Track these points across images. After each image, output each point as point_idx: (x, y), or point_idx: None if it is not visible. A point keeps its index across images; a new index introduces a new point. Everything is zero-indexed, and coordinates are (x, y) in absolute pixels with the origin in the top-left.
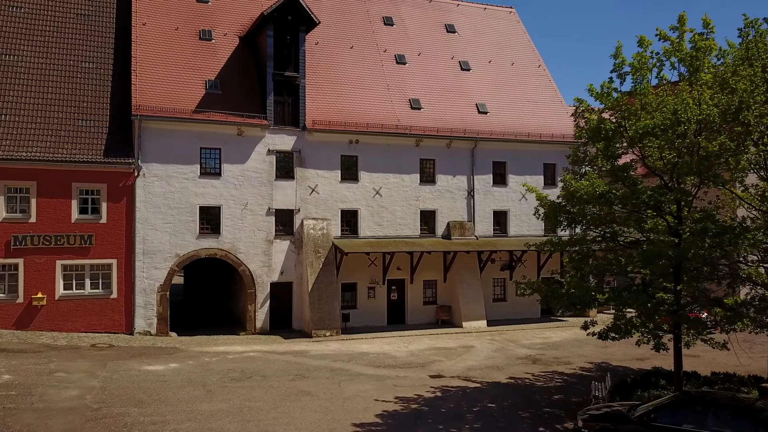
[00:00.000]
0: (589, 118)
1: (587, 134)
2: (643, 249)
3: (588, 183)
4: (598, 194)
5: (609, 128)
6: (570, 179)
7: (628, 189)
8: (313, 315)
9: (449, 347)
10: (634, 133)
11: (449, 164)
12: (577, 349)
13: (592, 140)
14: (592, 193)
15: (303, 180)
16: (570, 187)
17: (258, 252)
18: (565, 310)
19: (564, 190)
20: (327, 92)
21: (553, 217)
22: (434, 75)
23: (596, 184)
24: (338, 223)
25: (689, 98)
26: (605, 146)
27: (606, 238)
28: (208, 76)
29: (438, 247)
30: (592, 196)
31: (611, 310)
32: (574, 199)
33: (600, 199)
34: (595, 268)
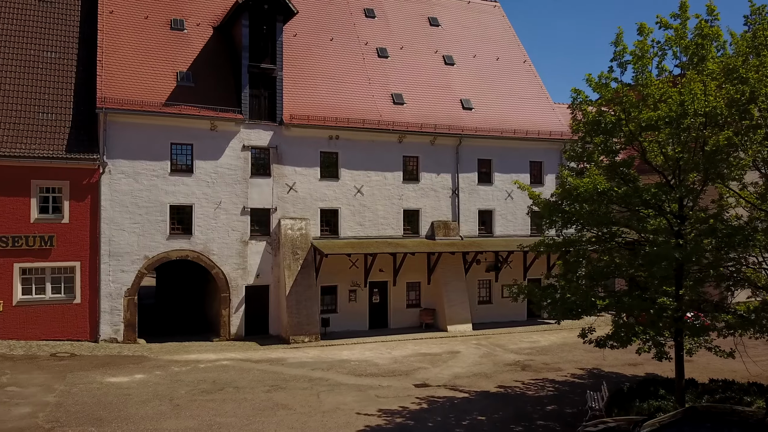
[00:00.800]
0: (587, 112)
1: (585, 128)
2: (646, 251)
3: (589, 180)
4: (599, 192)
5: (609, 121)
6: (568, 176)
7: (631, 187)
8: (291, 320)
9: (434, 353)
10: (636, 126)
11: (433, 162)
12: (566, 354)
13: (590, 134)
14: (593, 191)
15: (280, 177)
16: (567, 184)
17: (232, 253)
18: (560, 316)
19: (560, 187)
20: (306, 86)
21: (548, 217)
22: (417, 69)
23: (598, 181)
24: (317, 223)
25: (697, 88)
26: (604, 141)
27: (603, 239)
28: (180, 68)
29: (422, 248)
30: (592, 194)
31: (600, 314)
32: (571, 197)
33: (600, 198)
34: (592, 271)
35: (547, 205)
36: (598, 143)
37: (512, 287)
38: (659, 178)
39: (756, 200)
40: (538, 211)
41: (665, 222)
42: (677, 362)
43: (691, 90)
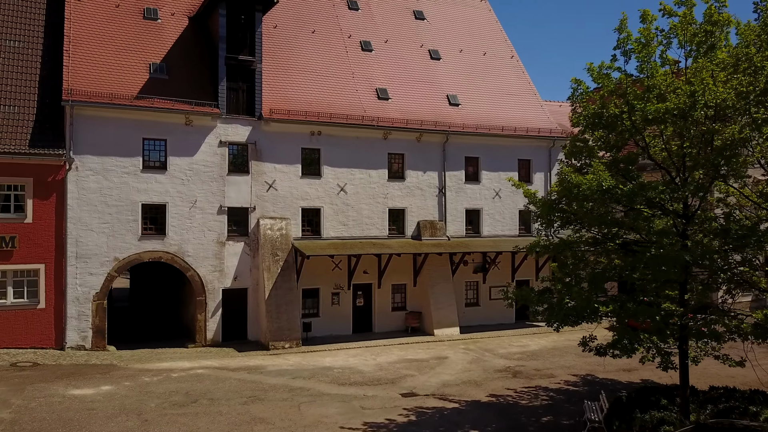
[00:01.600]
0: (587, 104)
1: (585, 121)
2: (651, 253)
3: (593, 176)
4: (603, 190)
5: (612, 114)
6: (569, 172)
7: (636, 184)
8: (271, 325)
9: (421, 359)
10: (639, 119)
11: (419, 159)
12: (558, 359)
13: (590, 128)
14: (597, 188)
15: (259, 175)
16: (567, 181)
17: (208, 255)
18: (560, 323)
19: (559, 184)
20: (286, 79)
21: (546, 217)
22: (402, 63)
23: (603, 178)
24: (299, 222)
25: (709, 78)
26: (606, 135)
27: (603, 240)
28: (153, 59)
29: (408, 249)
30: (595, 192)
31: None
32: (572, 195)
33: (605, 196)
34: (593, 274)
35: (545, 204)
36: (599, 137)
37: (506, 292)
38: (661, 175)
39: (758, 199)
40: (535, 210)
41: (671, 222)
42: (681, 371)
43: (702, 80)
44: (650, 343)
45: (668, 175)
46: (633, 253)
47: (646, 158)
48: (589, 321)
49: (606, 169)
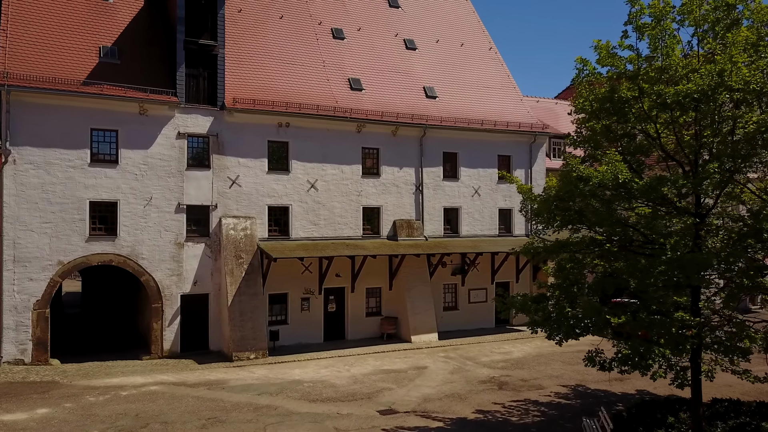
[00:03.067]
0: (594, 88)
1: (591, 106)
2: (670, 256)
3: (608, 168)
4: (618, 184)
5: (625, 98)
6: (576, 163)
7: (654, 178)
8: (234, 334)
9: (399, 369)
10: (655, 104)
11: (395, 154)
12: (545, 368)
13: (597, 115)
14: (612, 182)
15: (221, 170)
16: (573, 175)
17: (165, 257)
18: (565, 337)
19: (563, 178)
20: (251, 67)
21: (546, 215)
22: (376, 53)
23: (619, 170)
24: (265, 222)
25: (739, 57)
26: (611, 124)
27: (609, 241)
28: (104, 42)
29: (383, 250)
30: (608, 187)
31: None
32: (576, 190)
33: (618, 191)
34: (602, 281)
35: (546, 202)
36: (608, 125)
37: (503, 301)
38: (668, 169)
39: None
40: (530, 208)
41: (690, 221)
42: (694, 388)
43: (731, 57)
44: (662, 357)
45: (681, 168)
46: (645, 256)
47: (657, 149)
48: (598, 334)
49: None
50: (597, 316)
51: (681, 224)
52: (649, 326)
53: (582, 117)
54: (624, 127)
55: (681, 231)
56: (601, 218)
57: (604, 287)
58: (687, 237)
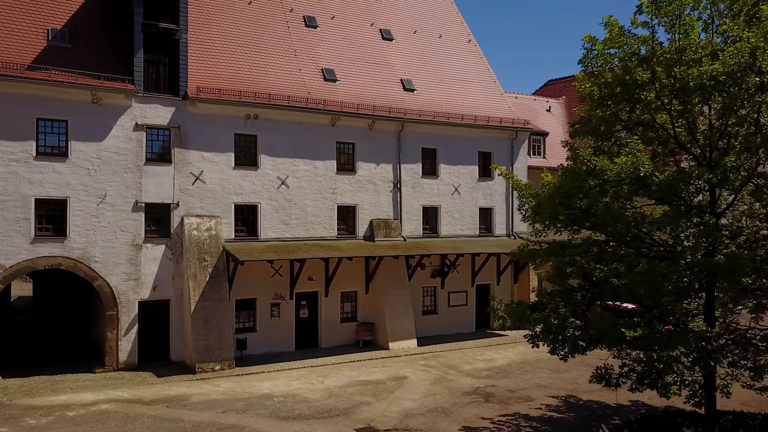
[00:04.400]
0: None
1: (599, 92)
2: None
3: (628, 159)
4: (638, 178)
5: (640, 80)
6: (588, 155)
7: (676, 171)
8: (198, 343)
9: (377, 380)
10: (669, 89)
11: (372, 149)
12: (531, 377)
13: (605, 101)
14: (632, 175)
15: (184, 165)
16: (581, 169)
17: (121, 260)
18: (571, 352)
19: (569, 174)
20: (217, 54)
21: (549, 214)
22: (351, 43)
23: (641, 161)
24: (231, 221)
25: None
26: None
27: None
28: (52, 24)
29: (360, 252)
30: (625, 181)
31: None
32: (586, 186)
33: (636, 186)
34: (614, 288)
35: (551, 199)
36: (617, 112)
37: (495, 309)
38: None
39: None
40: (529, 206)
41: (713, 221)
42: (709, 404)
43: (765, 33)
44: (676, 373)
45: (695, 161)
46: (659, 259)
47: (672, 141)
48: (609, 348)
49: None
50: (610, 329)
51: (698, 224)
52: (668, 340)
53: (590, 103)
54: (637, 115)
55: (704, 232)
56: (613, 217)
57: (602, 294)
58: (709, 238)
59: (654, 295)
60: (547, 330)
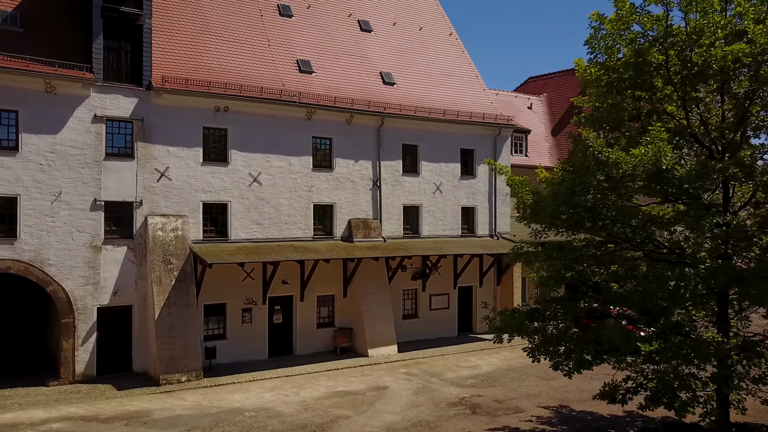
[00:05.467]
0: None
1: (607, 77)
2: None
3: (649, 149)
4: (661, 171)
5: (655, 63)
6: (600, 145)
7: (699, 164)
8: (162, 353)
9: (355, 391)
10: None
11: (350, 145)
12: (519, 385)
13: (615, 87)
14: (651, 168)
15: (148, 160)
16: (589, 163)
17: (78, 263)
18: (576, 368)
19: (568, 169)
20: (185, 42)
21: (552, 214)
22: (328, 33)
23: (663, 151)
24: (199, 221)
25: None
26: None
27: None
28: (2, 6)
29: (337, 253)
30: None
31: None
32: (594, 181)
33: (655, 181)
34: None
35: (554, 196)
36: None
37: (490, 320)
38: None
39: None
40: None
41: (737, 221)
42: (722, 421)
43: None
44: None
45: (708, 153)
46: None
47: (687, 132)
48: (619, 363)
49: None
50: (624, 343)
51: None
52: (688, 354)
53: (596, 90)
54: (650, 102)
55: (727, 233)
56: (626, 216)
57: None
58: (730, 240)
59: (670, 303)
60: (546, 341)
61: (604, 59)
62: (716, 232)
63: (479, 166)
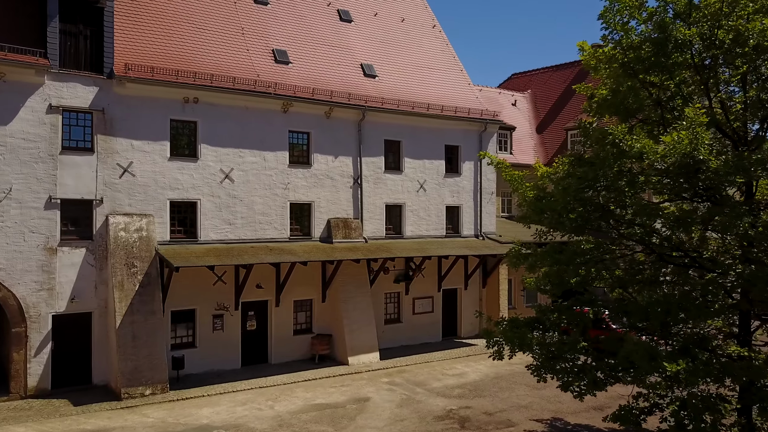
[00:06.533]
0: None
1: (623, 57)
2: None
3: (681, 136)
4: (697, 161)
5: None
6: (622, 132)
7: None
8: (124, 364)
9: (335, 403)
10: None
11: (329, 140)
12: (509, 395)
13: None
14: (683, 159)
15: (109, 155)
16: (609, 152)
17: (30, 267)
18: (588, 389)
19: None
20: (151, 28)
21: (559, 212)
22: (306, 23)
23: (702, 139)
24: (166, 221)
25: None
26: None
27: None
28: None
29: (315, 255)
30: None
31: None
32: (611, 173)
33: (685, 174)
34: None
35: (565, 192)
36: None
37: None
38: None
39: None
40: (530, 201)
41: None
42: None
43: None
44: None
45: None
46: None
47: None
48: (638, 384)
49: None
50: (647, 363)
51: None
52: (718, 373)
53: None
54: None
55: (762, 235)
56: (646, 215)
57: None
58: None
59: (696, 315)
60: (552, 357)
61: (620, 36)
62: (751, 233)
63: (464, 164)
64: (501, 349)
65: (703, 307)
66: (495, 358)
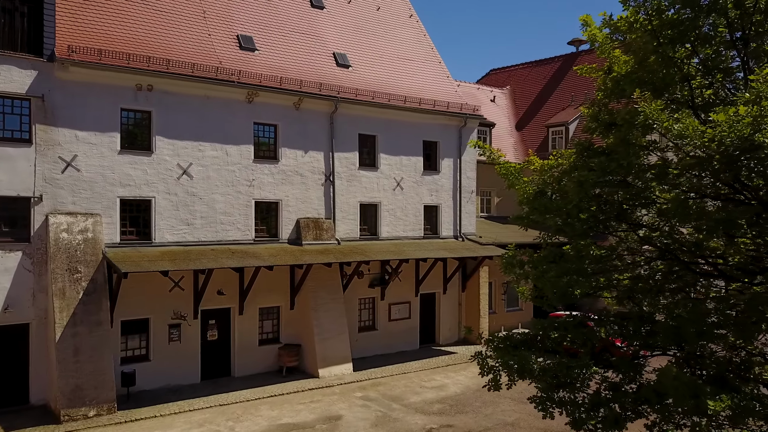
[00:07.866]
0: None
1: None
2: None
3: (741, 114)
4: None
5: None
6: (655, 110)
7: None
8: (64, 382)
9: (303, 423)
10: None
11: (299, 133)
12: (493, 410)
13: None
14: (743, 143)
15: (50, 147)
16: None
17: None
18: (609, 427)
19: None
20: (100, 7)
21: (569, 212)
22: (274, 8)
23: (765, 117)
24: (116, 221)
25: None
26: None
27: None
28: None
29: (283, 258)
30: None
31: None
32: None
33: (732, 164)
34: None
35: (581, 188)
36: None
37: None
38: None
39: None
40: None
41: None
42: None
43: None
44: None
45: None
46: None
47: None
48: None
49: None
50: (688, 401)
51: None
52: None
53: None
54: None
55: None
56: (684, 216)
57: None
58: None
59: (737, 336)
60: (559, 385)
61: None
62: None
63: (443, 161)
64: (498, 377)
65: (750, 325)
66: (491, 388)
